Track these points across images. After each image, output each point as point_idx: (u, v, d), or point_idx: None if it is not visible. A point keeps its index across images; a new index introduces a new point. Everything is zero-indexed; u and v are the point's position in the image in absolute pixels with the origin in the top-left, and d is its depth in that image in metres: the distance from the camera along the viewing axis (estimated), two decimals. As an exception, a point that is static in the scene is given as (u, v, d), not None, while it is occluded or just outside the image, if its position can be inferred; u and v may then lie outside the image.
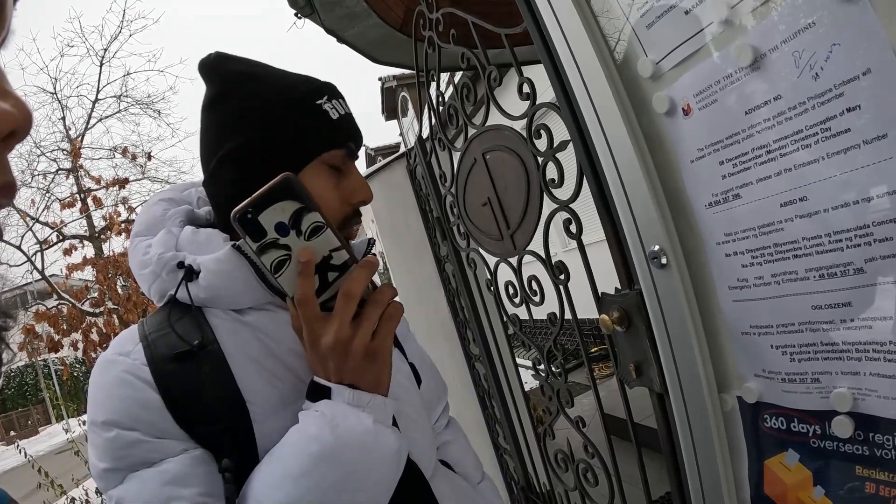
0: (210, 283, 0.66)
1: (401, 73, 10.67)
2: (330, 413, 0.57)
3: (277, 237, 0.57)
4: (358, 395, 0.60)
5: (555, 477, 1.69)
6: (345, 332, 0.58)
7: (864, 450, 0.65)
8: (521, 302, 1.54)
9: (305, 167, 0.69)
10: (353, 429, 0.57)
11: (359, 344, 0.59)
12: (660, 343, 0.83)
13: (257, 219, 0.56)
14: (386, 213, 2.56)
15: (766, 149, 0.63)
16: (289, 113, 0.69)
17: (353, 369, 0.59)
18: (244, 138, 0.69)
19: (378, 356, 0.61)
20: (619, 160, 0.81)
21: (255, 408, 0.63)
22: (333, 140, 0.70)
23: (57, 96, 8.83)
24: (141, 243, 0.72)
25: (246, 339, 0.67)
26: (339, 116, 0.71)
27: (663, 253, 0.77)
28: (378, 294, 0.61)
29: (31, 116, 0.27)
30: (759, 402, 0.75)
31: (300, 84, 0.72)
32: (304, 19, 2.30)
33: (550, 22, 0.87)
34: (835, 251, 0.60)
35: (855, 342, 0.62)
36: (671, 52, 0.71)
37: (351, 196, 0.72)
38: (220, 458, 0.58)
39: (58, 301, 6.97)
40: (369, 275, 0.60)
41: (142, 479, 0.57)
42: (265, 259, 0.58)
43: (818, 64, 0.55)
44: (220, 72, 0.73)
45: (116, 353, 0.64)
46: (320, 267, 0.59)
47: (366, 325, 0.59)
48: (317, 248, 0.58)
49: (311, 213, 0.57)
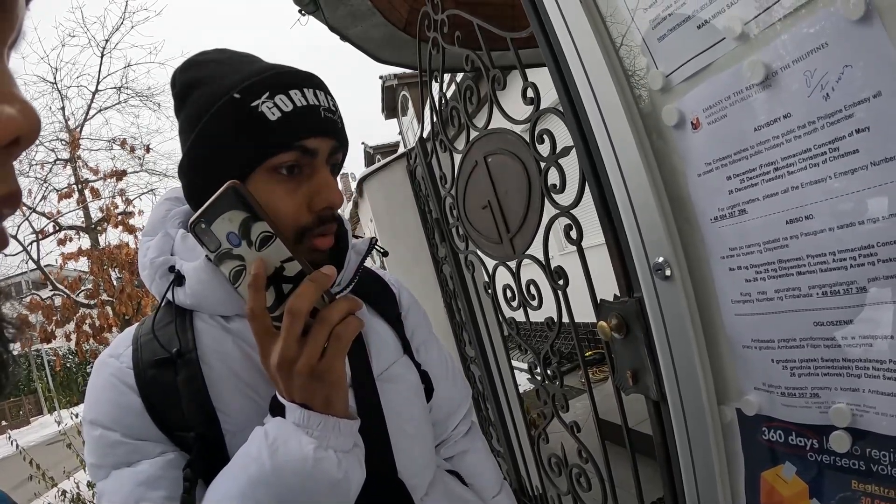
0: (194, 289, 0.66)
1: (402, 73, 10.65)
2: (273, 434, 0.55)
3: (230, 247, 0.55)
4: (308, 415, 0.56)
5: (548, 481, 1.70)
6: (290, 352, 0.55)
7: (861, 465, 0.66)
8: (519, 305, 1.54)
9: (249, 178, 0.63)
10: (291, 454, 0.54)
11: (303, 364, 0.55)
12: (661, 354, 0.83)
13: (210, 229, 0.55)
14: (385, 213, 2.56)
15: (773, 166, 0.63)
16: (220, 121, 0.63)
17: (299, 389, 0.56)
18: (190, 149, 0.66)
19: (326, 377, 0.56)
20: (625, 170, 0.81)
21: (228, 418, 0.62)
22: (275, 143, 0.62)
23: (57, 86, 8.76)
24: (144, 243, 0.73)
25: (227, 348, 0.66)
26: (279, 116, 0.62)
27: (667, 265, 0.78)
28: (327, 311, 0.56)
29: (38, 122, 0.25)
30: (759, 415, 0.75)
31: (239, 84, 0.64)
32: (308, 16, 2.29)
33: (560, 28, 0.87)
34: (838, 269, 0.60)
35: (855, 359, 0.63)
36: (682, 66, 0.71)
37: (312, 201, 0.65)
38: (191, 464, 0.59)
39: (52, 291, 6.94)
40: (318, 290, 0.55)
41: (121, 477, 0.60)
42: (223, 269, 0.57)
43: (829, 84, 0.55)
44: (175, 83, 0.70)
45: (109, 355, 0.66)
46: (274, 279, 0.56)
47: (311, 345, 0.55)
48: (269, 259, 0.55)
49: (259, 223, 0.55)
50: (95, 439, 0.62)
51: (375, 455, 0.66)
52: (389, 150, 13.77)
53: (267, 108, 0.62)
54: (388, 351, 0.78)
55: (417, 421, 0.77)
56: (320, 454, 0.55)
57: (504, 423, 2.07)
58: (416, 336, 0.87)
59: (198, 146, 0.65)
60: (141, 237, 0.75)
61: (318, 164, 0.65)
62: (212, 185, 0.58)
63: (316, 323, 0.56)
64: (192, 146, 0.65)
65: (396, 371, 0.77)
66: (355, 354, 0.71)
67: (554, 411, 1.51)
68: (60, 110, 8.82)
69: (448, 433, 0.91)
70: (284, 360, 0.55)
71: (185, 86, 0.68)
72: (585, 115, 0.90)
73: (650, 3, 0.72)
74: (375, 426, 0.70)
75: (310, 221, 0.65)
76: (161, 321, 0.68)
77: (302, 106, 0.63)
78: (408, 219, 2.47)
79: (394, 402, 0.73)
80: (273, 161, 0.63)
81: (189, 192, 0.70)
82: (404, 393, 0.76)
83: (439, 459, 0.88)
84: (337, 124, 0.67)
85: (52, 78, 8.80)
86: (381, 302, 0.83)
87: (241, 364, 0.65)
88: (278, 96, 0.63)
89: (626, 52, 0.79)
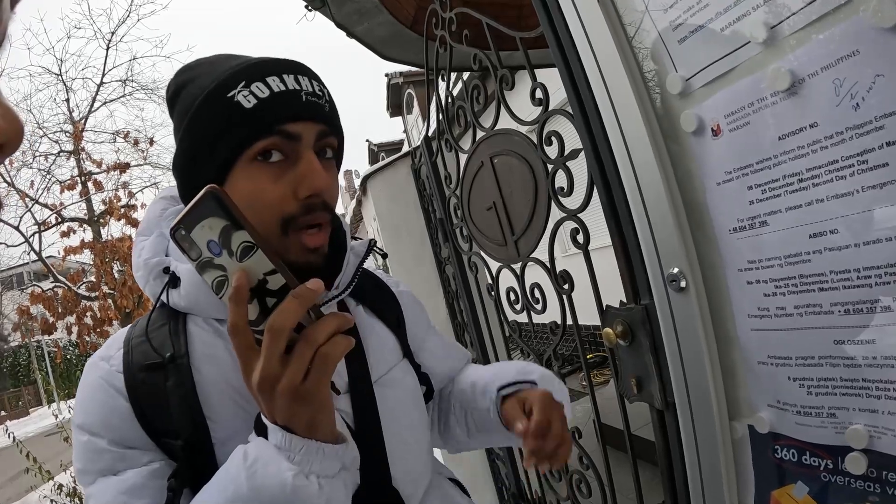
0: (188, 292, 0.65)
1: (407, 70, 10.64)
2: (253, 456, 0.53)
3: (211, 256, 0.51)
4: (290, 439, 0.53)
5: (547, 486, 1.68)
6: (271, 372, 0.51)
7: (876, 487, 0.64)
8: (523, 308, 1.52)
9: (233, 170, 0.62)
10: (269, 479, 0.51)
11: (285, 385, 0.51)
12: (672, 367, 0.81)
13: (190, 236, 0.51)
14: (387, 212, 2.55)
15: (798, 177, 0.61)
16: (200, 116, 0.63)
17: (281, 411, 0.52)
18: (177, 148, 0.66)
19: (309, 399, 0.52)
20: (641, 176, 0.78)
21: (217, 426, 0.61)
22: (254, 130, 0.61)
23: (62, 78, 8.75)
24: (139, 243, 0.71)
25: (220, 354, 0.64)
26: (255, 103, 0.60)
27: (683, 276, 0.75)
28: (312, 330, 0.51)
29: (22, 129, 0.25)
30: (771, 433, 0.73)
31: (217, 77, 0.63)
32: (315, 12, 2.28)
33: (576, 29, 0.85)
34: (863, 287, 0.58)
35: (875, 380, 0.61)
36: (703, 70, 0.69)
37: (297, 189, 0.62)
38: (177, 473, 0.58)
39: (53, 283, 6.96)
40: (302, 307, 0.51)
41: (106, 484, 0.59)
42: (206, 278, 0.52)
43: (860, 94, 0.53)
44: (169, 88, 0.69)
45: (100, 357, 0.65)
46: (258, 291, 0.52)
47: (294, 365, 0.51)
48: (251, 271, 0.51)
49: (240, 232, 0.50)
50: (83, 445, 0.61)
51: (370, 463, 0.65)
52: (394, 147, 13.79)
53: (242, 97, 0.61)
54: (387, 355, 0.76)
55: (415, 427, 0.76)
56: (300, 481, 0.52)
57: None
58: (416, 336, 0.86)
59: (184, 143, 0.64)
60: (135, 236, 0.73)
61: (302, 150, 0.63)
62: (197, 183, 0.56)
63: (300, 341, 0.51)
64: (179, 144, 0.65)
65: (395, 375, 0.75)
66: (353, 359, 0.70)
67: (556, 417, 1.49)
68: (65, 102, 8.82)
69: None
70: (265, 380, 0.51)
71: (175, 88, 0.68)
72: (595, 118, 0.88)
73: (670, 3, 0.70)
74: (372, 433, 0.68)
75: (295, 210, 0.62)
76: (155, 323, 0.67)
77: (280, 91, 0.61)
78: (411, 218, 2.46)
79: (392, 408, 0.72)
80: (253, 149, 0.61)
81: (181, 191, 0.69)
82: (402, 398, 0.75)
83: (440, 466, 0.87)
84: (323, 108, 0.65)
85: (58, 69, 8.81)
86: (380, 305, 0.82)
87: (234, 372, 0.61)
88: (254, 84, 0.61)
89: (643, 55, 0.76)
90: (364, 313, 0.78)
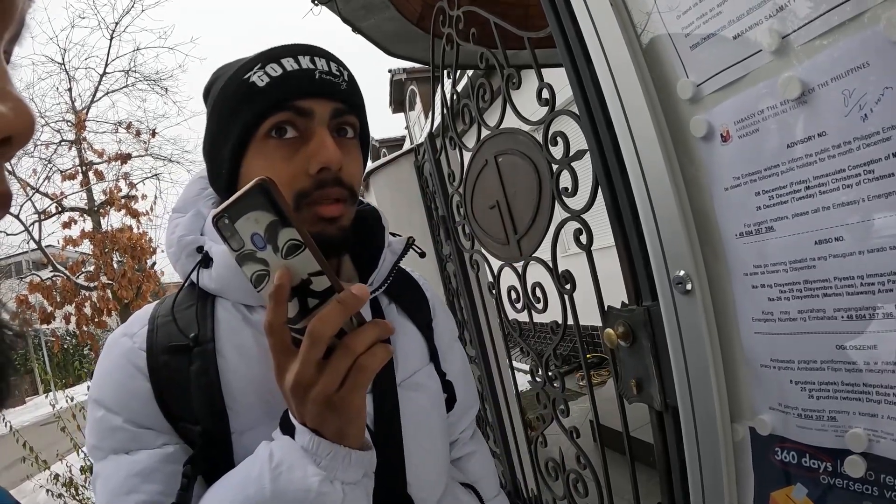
0: (220, 274, 0.64)
1: (410, 67, 10.61)
2: (278, 458, 0.52)
3: (254, 249, 0.50)
4: (319, 443, 0.52)
5: (543, 485, 1.69)
6: (306, 376, 0.50)
7: (875, 490, 0.65)
8: (524, 308, 1.53)
9: (248, 148, 0.63)
10: (294, 483, 0.50)
11: (319, 392, 0.50)
12: (675, 368, 0.82)
13: (234, 226, 0.49)
14: (389, 208, 2.55)
15: (805, 184, 0.61)
16: (219, 99, 0.66)
17: (312, 416, 0.51)
18: (205, 132, 0.69)
19: (342, 409, 0.51)
20: (649, 178, 0.79)
21: (237, 416, 0.60)
22: (266, 106, 0.62)
23: (65, 67, 8.72)
24: (174, 220, 0.71)
25: (246, 342, 0.63)
26: (268, 81, 0.62)
27: (689, 279, 0.76)
28: (352, 338, 0.50)
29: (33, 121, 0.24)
30: (772, 435, 0.74)
31: (239, 65, 0.66)
32: (321, 6, 2.28)
33: (588, 30, 0.85)
34: (866, 294, 0.59)
35: (876, 385, 0.61)
36: (714, 76, 0.69)
37: (309, 164, 0.62)
38: (193, 460, 0.57)
39: (52, 273, 6.94)
40: (344, 314, 0.49)
41: (117, 463, 0.58)
42: (246, 270, 0.51)
43: (868, 105, 0.54)
44: (204, 88, 0.72)
45: (123, 333, 0.64)
46: (300, 290, 0.50)
47: (330, 374, 0.50)
48: (295, 270, 0.50)
49: (287, 229, 0.49)
50: (97, 420, 0.60)
51: (387, 467, 0.64)
52: (395, 144, 13.77)
53: (257, 77, 0.63)
54: (414, 357, 0.75)
55: (434, 434, 0.74)
56: (325, 488, 0.51)
57: (502, 424, 2.07)
58: (442, 342, 0.84)
59: (209, 127, 0.68)
60: (171, 212, 0.73)
61: (315, 127, 0.63)
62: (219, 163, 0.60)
63: (339, 349, 0.50)
64: (206, 129, 0.68)
65: (420, 379, 0.74)
66: None
67: (554, 416, 1.50)
68: (67, 91, 8.79)
69: (457, 434, 0.89)
70: (299, 384, 0.50)
71: (209, 83, 0.71)
72: (601, 119, 0.88)
73: (685, 9, 0.70)
74: (391, 436, 0.67)
75: (307, 185, 0.62)
76: (182, 303, 0.66)
77: (293, 70, 0.63)
78: (413, 215, 2.46)
79: (413, 412, 0.71)
80: (266, 125, 0.62)
81: (209, 174, 0.71)
82: (425, 403, 0.74)
83: (455, 472, 0.85)
84: (339, 86, 0.65)
85: (61, 59, 8.78)
86: (412, 305, 0.80)
87: (259, 361, 0.62)
88: (269, 65, 0.63)
89: (654, 59, 0.77)
90: (395, 312, 0.77)
